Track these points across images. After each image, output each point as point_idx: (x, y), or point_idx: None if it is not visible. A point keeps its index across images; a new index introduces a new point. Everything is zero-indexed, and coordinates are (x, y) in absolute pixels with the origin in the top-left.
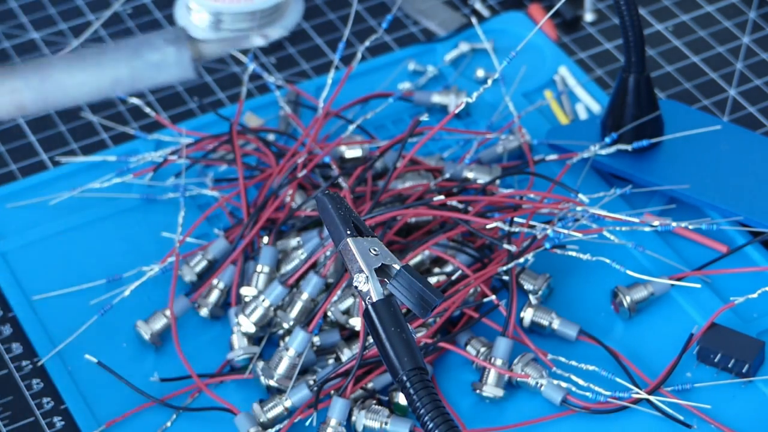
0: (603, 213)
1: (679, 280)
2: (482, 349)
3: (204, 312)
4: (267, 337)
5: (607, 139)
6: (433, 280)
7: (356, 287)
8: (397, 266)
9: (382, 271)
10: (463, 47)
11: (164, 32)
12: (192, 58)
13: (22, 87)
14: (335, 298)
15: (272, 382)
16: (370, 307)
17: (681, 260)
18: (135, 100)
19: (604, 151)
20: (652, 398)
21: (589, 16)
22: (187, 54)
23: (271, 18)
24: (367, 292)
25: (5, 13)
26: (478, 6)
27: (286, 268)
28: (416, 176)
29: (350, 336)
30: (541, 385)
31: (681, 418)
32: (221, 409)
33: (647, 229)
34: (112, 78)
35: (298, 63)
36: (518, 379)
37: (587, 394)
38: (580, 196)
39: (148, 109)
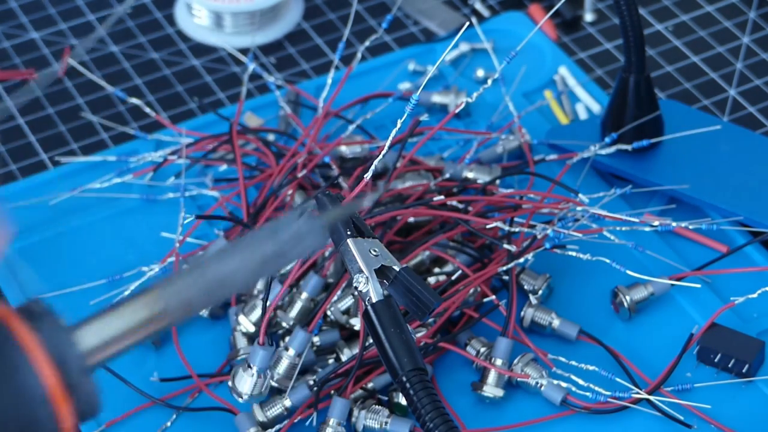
0: (603, 213)
1: (679, 280)
2: (482, 349)
3: (204, 312)
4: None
5: (607, 139)
6: (433, 280)
7: (356, 288)
8: (396, 268)
9: (382, 273)
10: (463, 47)
11: (293, 211)
12: (323, 226)
13: (188, 288)
14: (335, 298)
15: (272, 382)
16: (369, 307)
17: (681, 260)
18: (135, 100)
19: (604, 151)
20: (652, 398)
21: (589, 16)
22: (318, 223)
23: (270, 18)
24: (367, 293)
25: (5, 13)
26: (478, 6)
27: (286, 268)
28: (416, 176)
29: (350, 336)
30: (541, 385)
31: (681, 418)
32: (221, 409)
33: (647, 229)
34: (260, 260)
35: (298, 63)
36: (518, 379)
37: (587, 394)
38: (580, 196)
39: (148, 109)
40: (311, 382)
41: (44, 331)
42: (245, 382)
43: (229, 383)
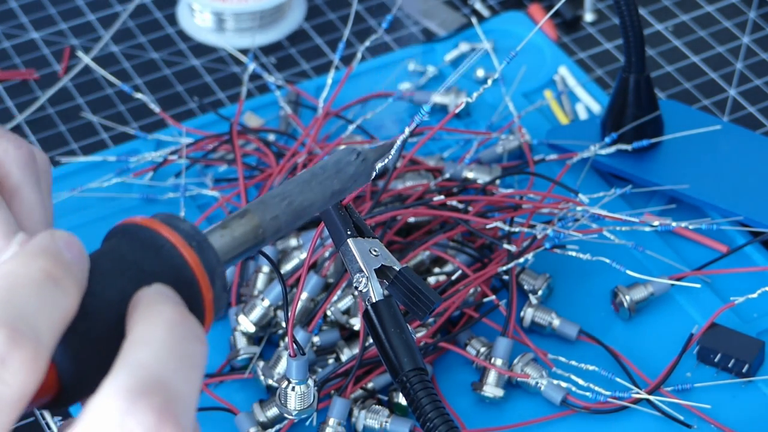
0: (603, 213)
1: (679, 280)
2: (482, 349)
3: None
4: (267, 337)
5: (607, 139)
6: (433, 280)
7: (356, 288)
8: (396, 268)
9: (382, 272)
10: (463, 47)
11: (346, 150)
12: (371, 165)
13: (280, 214)
14: (335, 298)
15: (272, 382)
16: (369, 307)
17: (681, 260)
18: (140, 96)
19: (604, 151)
20: (652, 398)
21: (589, 16)
22: (370, 163)
23: (272, 18)
24: (367, 293)
25: (5, 13)
26: (478, 6)
27: (286, 267)
28: (416, 176)
29: (350, 336)
30: (541, 385)
31: (681, 418)
32: (221, 409)
33: (647, 229)
34: (330, 194)
35: (298, 63)
36: (518, 379)
37: (587, 394)
38: (580, 196)
39: (153, 105)
40: (311, 383)
41: (183, 229)
42: (290, 399)
43: (277, 401)
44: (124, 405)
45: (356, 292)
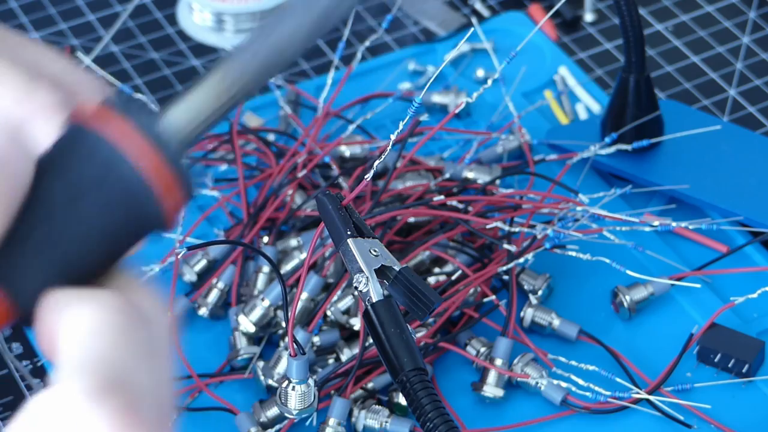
0: (603, 213)
1: (679, 280)
2: (482, 349)
3: (204, 312)
4: (267, 337)
5: (607, 139)
6: (433, 280)
7: (356, 288)
8: (396, 268)
9: (382, 273)
10: (463, 47)
11: None
12: None
13: (258, 53)
14: (335, 298)
15: (272, 382)
16: (369, 307)
17: (681, 260)
18: (140, 96)
19: (604, 151)
20: (652, 398)
21: (589, 16)
22: None
23: None
24: (367, 293)
25: (5, 13)
26: (478, 6)
27: (286, 267)
28: (416, 176)
29: (350, 336)
30: (541, 385)
31: (681, 418)
32: (221, 409)
33: (647, 229)
34: (316, 18)
35: (298, 63)
36: (518, 379)
37: (587, 394)
38: (580, 196)
39: (152, 106)
40: (311, 382)
41: (134, 115)
42: (291, 398)
43: (278, 400)
44: (81, 410)
45: (356, 292)
